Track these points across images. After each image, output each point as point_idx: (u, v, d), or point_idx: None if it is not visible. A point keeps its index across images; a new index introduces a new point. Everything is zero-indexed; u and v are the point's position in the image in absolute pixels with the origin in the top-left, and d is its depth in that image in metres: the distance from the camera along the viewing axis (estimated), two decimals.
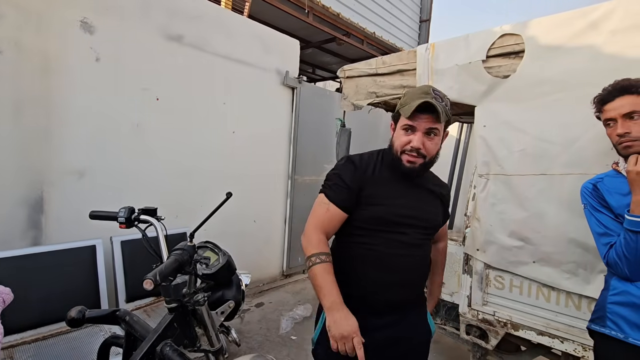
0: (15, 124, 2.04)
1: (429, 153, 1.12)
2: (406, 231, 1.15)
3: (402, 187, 1.18)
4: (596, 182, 1.25)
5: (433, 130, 1.10)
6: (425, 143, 1.10)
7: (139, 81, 2.56)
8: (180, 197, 2.84)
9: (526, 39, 1.66)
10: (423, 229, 1.19)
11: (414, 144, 1.09)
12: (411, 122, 1.10)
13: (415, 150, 1.10)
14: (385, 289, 1.14)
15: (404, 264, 1.14)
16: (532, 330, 1.73)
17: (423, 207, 1.20)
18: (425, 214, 1.20)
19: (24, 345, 1.68)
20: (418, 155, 1.11)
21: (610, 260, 1.16)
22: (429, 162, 1.15)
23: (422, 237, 1.19)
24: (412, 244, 1.16)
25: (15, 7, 2.01)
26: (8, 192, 2.03)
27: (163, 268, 0.90)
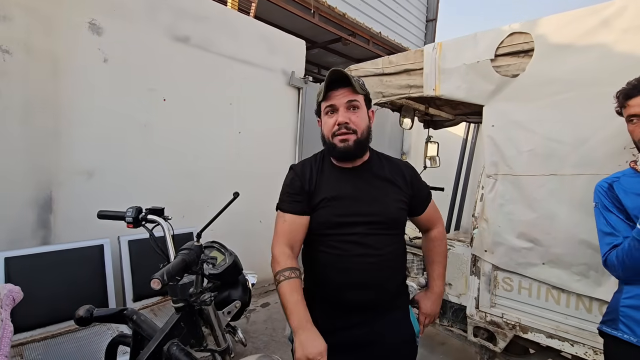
0: (24, 125, 2.07)
1: (358, 127, 1.09)
2: (354, 230, 1.09)
3: (344, 184, 1.14)
4: (612, 182, 1.22)
5: (353, 102, 1.09)
6: (350, 117, 1.08)
7: (146, 82, 2.58)
8: (187, 197, 2.86)
9: (536, 38, 1.64)
10: (375, 225, 1.11)
11: (340, 119, 1.08)
12: (329, 102, 1.10)
13: (343, 125, 1.08)
14: (345, 290, 1.10)
15: (358, 265, 1.09)
16: (542, 333, 1.71)
17: (372, 201, 1.13)
18: (372, 208, 1.11)
19: (33, 343, 1.70)
20: (348, 131, 1.08)
21: (609, 261, 1.16)
22: (363, 140, 1.11)
23: (376, 232, 1.11)
24: (365, 243, 1.10)
25: (24, 9, 2.04)
26: (18, 192, 2.05)
27: (170, 268, 0.90)
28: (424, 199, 1.26)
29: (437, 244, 1.31)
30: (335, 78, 1.08)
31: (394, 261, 1.16)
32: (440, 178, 3.36)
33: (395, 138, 5.50)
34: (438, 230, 1.32)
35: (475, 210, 1.96)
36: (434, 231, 1.32)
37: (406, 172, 1.21)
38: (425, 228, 1.32)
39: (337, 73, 1.08)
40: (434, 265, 1.31)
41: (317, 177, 1.15)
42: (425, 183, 1.29)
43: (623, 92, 1.20)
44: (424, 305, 1.29)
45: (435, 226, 1.32)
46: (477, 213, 1.94)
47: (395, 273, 1.18)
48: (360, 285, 1.09)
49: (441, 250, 1.31)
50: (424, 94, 2.07)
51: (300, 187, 1.14)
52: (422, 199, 1.25)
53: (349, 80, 1.07)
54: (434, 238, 1.32)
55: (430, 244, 1.32)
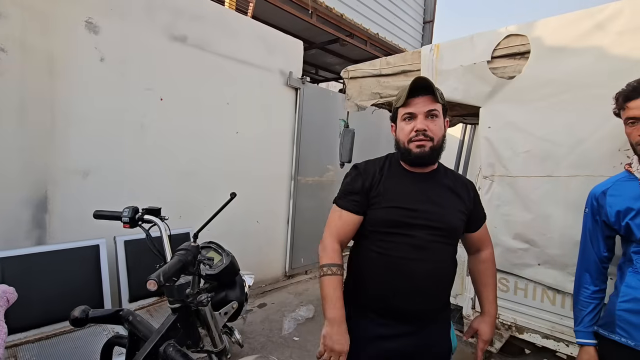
0: (20, 124, 2.05)
1: (436, 135, 1.10)
2: (414, 233, 1.09)
3: (411, 186, 1.15)
4: (606, 189, 1.24)
5: (433, 111, 1.09)
6: (428, 125, 1.09)
7: (143, 81, 2.56)
8: (184, 197, 2.84)
9: (532, 40, 1.65)
10: (435, 230, 1.10)
11: (418, 126, 1.08)
12: (409, 109, 1.10)
13: (421, 132, 1.08)
14: (396, 295, 1.09)
15: (412, 269, 1.08)
16: (537, 334, 1.72)
17: (435, 207, 1.13)
18: (437, 215, 1.11)
19: (27, 344, 1.69)
20: (425, 138, 1.09)
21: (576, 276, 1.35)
22: (438, 147, 1.12)
23: (434, 239, 1.11)
24: (422, 247, 1.09)
25: (20, 6, 2.02)
26: (13, 191, 2.03)
27: (167, 269, 0.89)
28: (481, 218, 1.26)
29: (489, 266, 1.28)
30: (418, 85, 1.09)
31: (449, 271, 1.16)
32: None
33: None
34: (489, 251, 1.30)
35: None
36: (485, 252, 1.29)
37: (470, 187, 1.24)
38: (476, 248, 1.29)
39: (421, 81, 1.09)
40: (488, 288, 1.26)
41: (385, 176, 1.17)
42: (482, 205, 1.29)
43: (622, 93, 1.20)
44: (484, 332, 1.22)
45: (486, 247, 1.30)
46: None
47: (448, 283, 1.18)
48: (414, 292, 1.08)
49: (493, 273, 1.29)
50: None
51: (361, 186, 1.15)
52: (479, 217, 1.25)
53: (432, 88, 1.08)
54: (485, 260, 1.28)
55: (481, 265, 1.28)
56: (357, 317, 1.15)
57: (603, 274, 1.28)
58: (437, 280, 1.12)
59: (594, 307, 1.26)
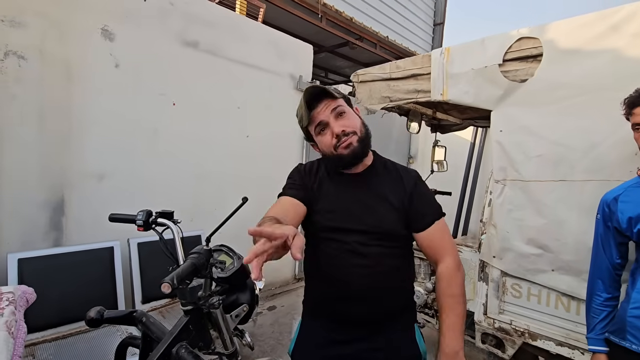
0: (39, 129, 2.12)
1: (355, 127, 1.05)
2: (349, 238, 1.04)
3: (344, 189, 1.10)
4: (617, 195, 1.23)
5: (337, 109, 1.04)
6: (343, 123, 1.04)
7: (156, 86, 2.62)
8: (196, 200, 2.88)
9: (544, 42, 1.63)
10: (370, 234, 1.03)
11: (335, 130, 1.03)
12: (317, 120, 1.05)
13: (341, 134, 1.03)
14: (341, 301, 1.05)
15: (353, 275, 1.02)
16: (551, 341, 1.68)
17: (368, 209, 1.05)
18: (368, 218, 1.04)
19: (45, 343, 1.73)
20: (348, 136, 1.03)
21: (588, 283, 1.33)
22: (364, 136, 1.06)
23: (370, 243, 1.03)
24: (362, 253, 1.03)
25: (39, 15, 2.09)
26: (32, 194, 2.10)
27: (180, 272, 0.91)
28: (423, 214, 1.07)
29: (444, 285, 1.03)
30: (310, 97, 1.04)
31: (395, 276, 1.07)
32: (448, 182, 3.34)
33: (402, 142, 5.49)
34: (444, 265, 1.04)
35: (484, 215, 1.95)
36: (440, 267, 1.05)
37: (407, 180, 1.10)
38: (432, 258, 1.08)
39: (311, 92, 1.03)
40: (443, 314, 1.02)
41: (320, 179, 1.13)
42: (432, 199, 1.12)
43: (629, 100, 1.21)
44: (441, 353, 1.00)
45: (441, 259, 1.05)
46: (485, 218, 1.93)
47: (396, 289, 1.09)
48: (356, 297, 1.03)
49: (449, 293, 1.02)
50: (432, 98, 2.07)
51: (301, 179, 1.13)
52: (420, 214, 1.07)
53: (324, 91, 1.04)
54: (439, 277, 1.05)
55: (437, 284, 1.06)
56: (309, 319, 1.15)
57: (616, 281, 1.25)
58: (382, 286, 1.03)
59: (606, 315, 1.24)
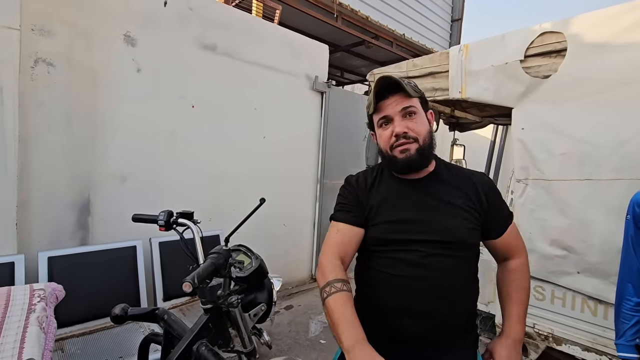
0: (66, 133, 2.21)
1: (419, 134, 0.97)
2: (411, 249, 0.96)
3: (404, 196, 1.02)
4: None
5: (408, 109, 0.97)
6: (408, 125, 0.97)
7: (175, 89, 2.68)
8: (214, 201, 2.94)
9: (568, 37, 1.58)
10: (435, 243, 0.95)
11: (397, 129, 0.96)
12: (383, 113, 0.99)
13: (401, 135, 0.96)
14: (398, 317, 0.96)
15: (416, 289, 0.94)
16: (577, 346, 1.63)
17: (433, 216, 0.98)
18: (436, 225, 0.97)
19: (72, 338, 1.81)
20: (408, 141, 0.96)
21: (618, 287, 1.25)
22: (425, 147, 0.98)
23: (435, 253, 0.95)
24: (426, 265, 0.94)
25: (66, 24, 2.18)
26: (60, 196, 2.19)
27: (201, 271, 0.93)
28: (500, 221, 1.04)
29: (517, 276, 1.04)
30: (383, 85, 0.97)
31: (462, 290, 0.99)
32: None
33: None
34: (519, 261, 1.06)
35: None
36: (514, 261, 1.06)
37: (480, 185, 1.03)
38: (503, 257, 1.08)
39: (386, 80, 0.96)
40: (512, 303, 1.02)
41: (375, 189, 1.06)
42: (504, 202, 1.08)
43: None
44: (499, 356, 0.97)
45: (515, 256, 1.07)
46: None
47: (463, 304, 0.99)
48: (418, 314, 0.94)
49: (522, 286, 1.04)
50: (450, 96, 2.03)
51: (355, 198, 1.05)
52: (498, 220, 1.04)
53: (400, 85, 0.96)
54: (512, 269, 1.05)
55: (507, 275, 1.06)
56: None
57: None
58: (448, 301, 0.95)
59: (638, 320, 1.19)
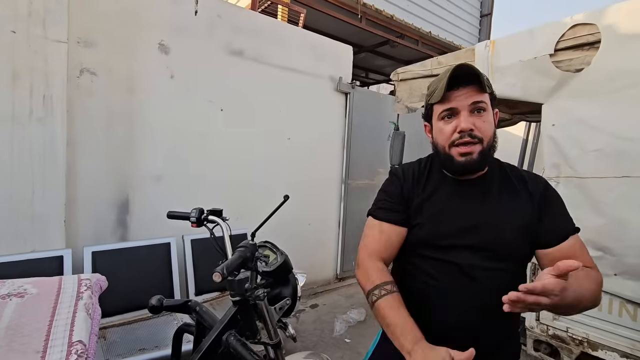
0: (107, 136, 2.37)
1: (485, 134, 0.86)
2: (459, 257, 0.87)
3: (454, 198, 0.93)
4: None
5: (479, 104, 0.86)
6: (475, 122, 0.86)
7: (205, 94, 2.81)
8: (241, 200, 3.04)
9: (602, 28, 1.52)
10: (484, 252, 0.87)
11: (463, 125, 0.85)
12: (449, 104, 0.87)
13: (466, 133, 0.85)
14: (435, 330, 0.86)
15: (457, 300, 0.86)
16: (614, 352, 1.55)
17: (485, 222, 0.88)
18: (486, 233, 0.87)
19: (113, 327, 1.94)
20: (472, 140, 0.85)
21: None
22: (488, 149, 0.88)
23: (482, 264, 0.87)
24: (471, 275, 0.86)
25: (106, 35, 2.35)
26: (102, 195, 2.36)
27: (229, 263, 0.99)
28: (561, 225, 0.90)
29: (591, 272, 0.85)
30: (458, 74, 0.85)
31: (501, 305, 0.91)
32: None
33: None
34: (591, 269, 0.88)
35: None
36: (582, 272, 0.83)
37: (535, 188, 0.92)
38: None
39: (463, 68, 0.85)
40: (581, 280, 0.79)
41: (423, 185, 0.97)
42: (565, 210, 0.93)
43: None
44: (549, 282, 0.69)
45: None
46: None
47: (508, 320, 0.89)
48: (459, 328, 0.86)
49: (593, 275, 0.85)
50: None
51: (400, 193, 0.97)
52: (556, 225, 0.89)
53: (477, 76, 0.85)
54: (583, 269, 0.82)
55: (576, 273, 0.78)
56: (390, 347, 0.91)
57: None
58: (492, 315, 0.84)
59: None
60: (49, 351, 0.93)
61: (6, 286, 1.12)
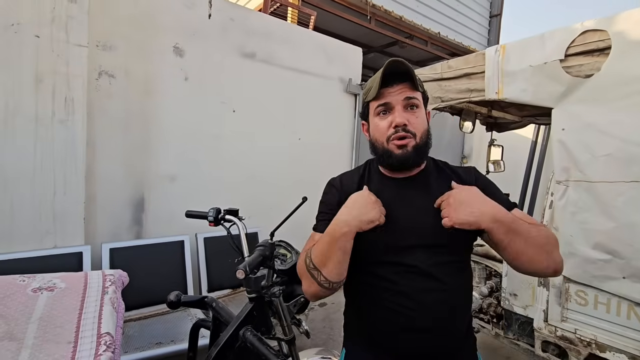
0: (124, 137, 2.45)
1: (418, 130, 0.91)
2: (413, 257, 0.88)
3: (395, 197, 0.94)
4: None
5: (412, 100, 0.90)
6: (409, 118, 0.90)
7: (218, 96, 2.87)
8: (253, 200, 3.10)
9: (613, 35, 1.53)
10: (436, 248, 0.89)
11: (398, 120, 0.89)
12: (384, 100, 0.91)
13: (401, 127, 0.89)
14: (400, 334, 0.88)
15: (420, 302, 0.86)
16: (623, 354, 1.57)
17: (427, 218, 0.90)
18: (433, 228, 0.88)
19: (130, 322, 2.01)
20: (407, 135, 0.89)
21: None
22: (422, 144, 0.92)
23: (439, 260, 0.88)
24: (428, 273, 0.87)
25: (124, 39, 2.42)
26: (120, 193, 2.44)
27: (251, 261, 1.04)
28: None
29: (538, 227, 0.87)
30: (392, 71, 0.89)
31: (463, 296, 0.94)
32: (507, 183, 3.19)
33: (455, 141, 5.30)
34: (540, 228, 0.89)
35: (544, 218, 1.86)
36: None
37: (468, 178, 0.97)
38: None
39: (396, 65, 0.89)
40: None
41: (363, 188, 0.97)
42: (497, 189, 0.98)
43: None
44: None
45: None
46: (545, 221, 1.84)
47: (464, 311, 0.94)
48: (422, 329, 0.86)
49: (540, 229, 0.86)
50: (486, 97, 2.02)
51: (338, 203, 0.95)
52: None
53: (409, 74, 0.89)
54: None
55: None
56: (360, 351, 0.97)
57: None
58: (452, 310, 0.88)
59: None
60: (80, 342, 0.99)
61: (37, 280, 1.19)
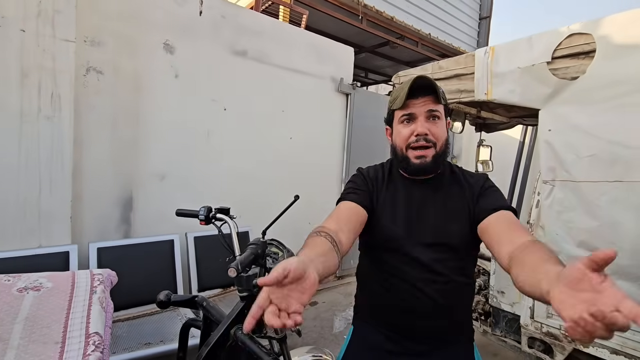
0: (112, 135, 2.41)
1: (438, 139, 0.98)
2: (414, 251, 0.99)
3: (410, 197, 1.04)
4: None
5: (434, 112, 0.98)
6: (430, 128, 0.97)
7: (209, 93, 2.85)
8: (244, 198, 3.08)
9: (598, 38, 1.57)
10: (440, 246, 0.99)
11: (419, 129, 0.96)
12: (409, 110, 0.98)
13: (422, 137, 0.97)
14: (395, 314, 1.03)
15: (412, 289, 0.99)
16: (605, 349, 1.61)
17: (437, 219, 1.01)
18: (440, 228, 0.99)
19: (119, 322, 1.99)
20: (427, 144, 0.97)
21: None
22: (440, 153, 1.00)
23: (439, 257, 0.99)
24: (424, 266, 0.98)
25: (113, 34, 2.38)
26: (108, 192, 2.40)
27: (243, 259, 1.04)
28: (491, 205, 0.96)
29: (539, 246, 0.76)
30: (419, 84, 0.97)
31: (463, 291, 1.05)
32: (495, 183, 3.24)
33: None
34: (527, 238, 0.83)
35: (531, 217, 1.90)
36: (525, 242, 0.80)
37: (477, 182, 1.05)
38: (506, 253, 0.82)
39: (422, 80, 0.97)
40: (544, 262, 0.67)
41: (385, 186, 1.08)
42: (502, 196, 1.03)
43: None
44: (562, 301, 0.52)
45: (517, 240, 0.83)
46: (532, 220, 1.88)
47: (464, 304, 1.07)
48: (422, 313, 0.99)
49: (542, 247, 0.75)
50: (475, 98, 2.05)
51: (366, 186, 1.06)
52: (487, 204, 0.98)
53: (433, 88, 0.97)
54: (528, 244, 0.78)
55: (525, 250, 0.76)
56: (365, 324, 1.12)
57: None
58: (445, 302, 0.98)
59: None
60: (67, 342, 0.98)
61: (22, 280, 1.16)
